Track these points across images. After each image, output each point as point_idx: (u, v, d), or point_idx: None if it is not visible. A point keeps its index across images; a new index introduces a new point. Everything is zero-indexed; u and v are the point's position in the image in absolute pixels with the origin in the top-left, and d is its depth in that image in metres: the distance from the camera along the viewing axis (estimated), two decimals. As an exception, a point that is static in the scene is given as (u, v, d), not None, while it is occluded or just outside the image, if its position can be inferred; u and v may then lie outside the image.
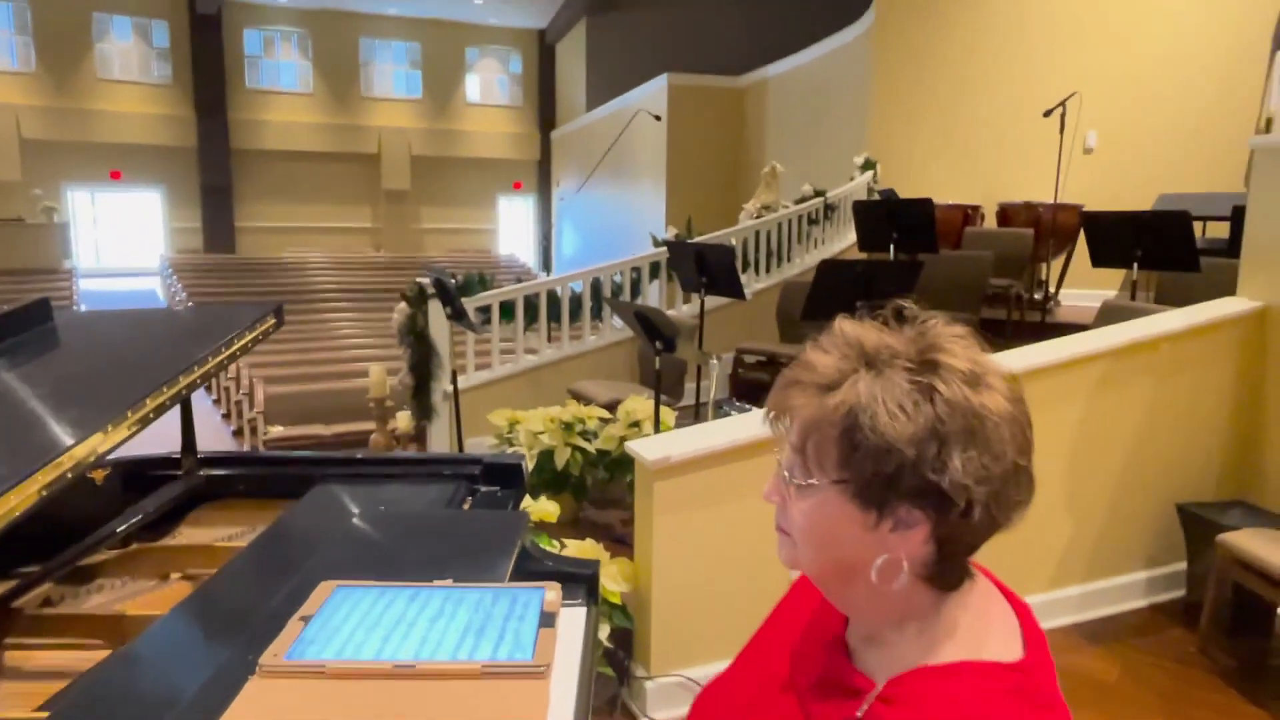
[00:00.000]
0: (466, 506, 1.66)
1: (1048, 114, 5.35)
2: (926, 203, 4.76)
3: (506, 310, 5.16)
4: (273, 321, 1.69)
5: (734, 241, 5.81)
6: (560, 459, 3.58)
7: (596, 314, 5.52)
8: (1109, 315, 3.92)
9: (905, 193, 7.03)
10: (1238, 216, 4.80)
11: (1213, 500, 3.30)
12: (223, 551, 1.48)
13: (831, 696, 0.84)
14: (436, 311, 4.65)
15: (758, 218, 6.77)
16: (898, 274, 3.75)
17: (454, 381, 4.24)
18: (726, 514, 2.58)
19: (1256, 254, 3.43)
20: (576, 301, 5.48)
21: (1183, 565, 3.29)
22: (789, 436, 0.81)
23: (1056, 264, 6.74)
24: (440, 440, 4.81)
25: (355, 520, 1.43)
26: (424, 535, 1.37)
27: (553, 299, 5.32)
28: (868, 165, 7.35)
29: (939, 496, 0.73)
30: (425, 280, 4.53)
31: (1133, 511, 3.25)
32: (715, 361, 3.23)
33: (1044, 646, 0.80)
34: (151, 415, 1.26)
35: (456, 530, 1.41)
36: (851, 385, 0.76)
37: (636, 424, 3.63)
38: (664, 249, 5.57)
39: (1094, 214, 4.30)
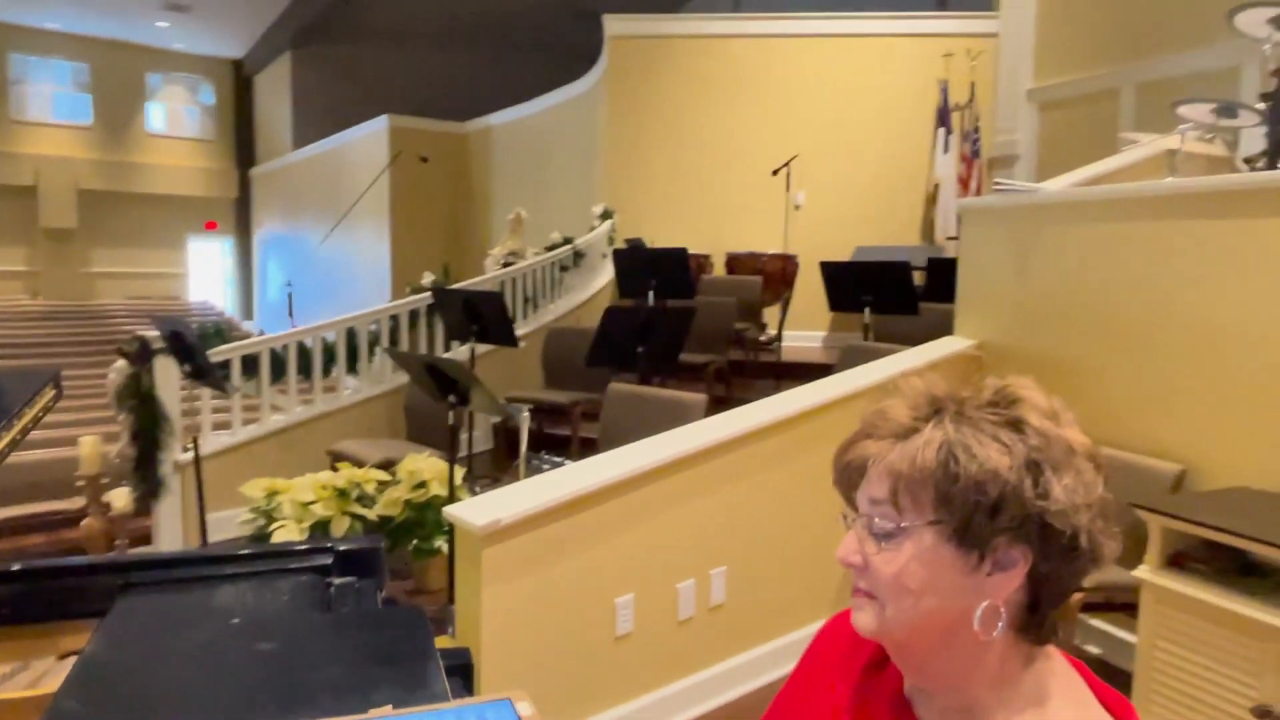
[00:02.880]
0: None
1: (775, 173, 5.87)
2: (682, 252, 5.00)
3: (248, 366, 4.59)
4: (53, 393, 1.33)
5: (495, 287, 5.68)
6: (338, 530, 3.21)
7: (352, 367, 5.10)
8: (851, 355, 4.33)
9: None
10: (933, 267, 5.58)
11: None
12: (9, 705, 1.11)
13: None
14: (166, 369, 4.00)
15: (505, 264, 6.70)
16: (675, 319, 3.88)
17: (195, 448, 3.66)
18: (560, 575, 2.45)
19: (968, 299, 3.97)
20: (329, 353, 5.02)
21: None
22: (869, 489, 0.78)
23: (775, 308, 7.39)
24: (173, 519, 4.12)
25: (212, 640, 1.15)
26: (314, 650, 1.12)
27: (302, 352, 4.82)
28: (606, 215, 7.58)
29: (1042, 527, 0.72)
30: (150, 333, 3.89)
31: (894, 532, 3.58)
32: (526, 413, 3.09)
33: (1128, 704, 0.80)
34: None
35: (351, 640, 1.17)
36: (937, 425, 0.75)
37: (423, 485, 3.36)
38: (421, 296, 5.30)
39: (832, 264, 4.77)
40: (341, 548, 1.51)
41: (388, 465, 3.77)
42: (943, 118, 7.65)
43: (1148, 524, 2.53)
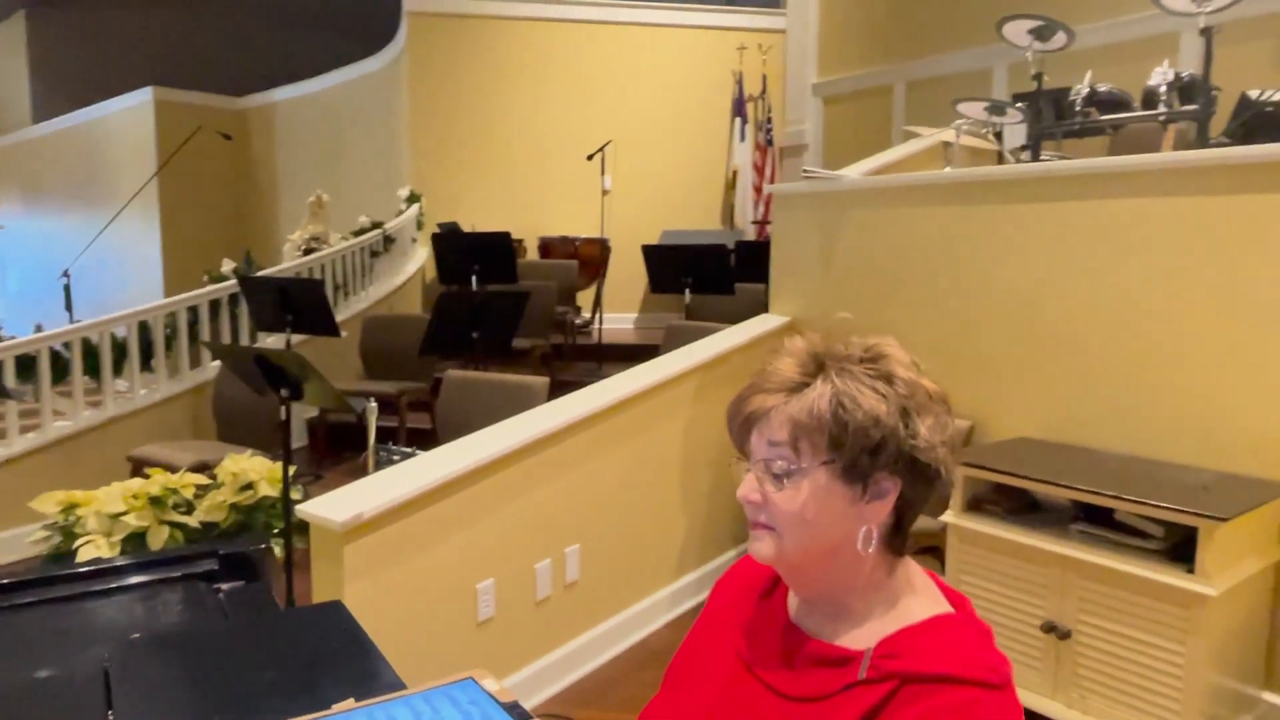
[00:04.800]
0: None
1: (590, 158, 5.95)
2: (505, 236, 4.97)
3: (23, 367, 4.02)
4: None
5: (302, 273, 5.35)
6: (155, 541, 2.94)
7: (146, 364, 4.61)
8: (676, 335, 4.51)
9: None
10: (740, 249, 5.90)
11: (776, 480, 4.01)
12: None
13: (817, 670, 0.92)
14: (-78, 375, 3.44)
15: (306, 250, 6.34)
16: (508, 304, 3.86)
17: (-31, 465, 3.20)
18: (422, 565, 2.41)
19: (781, 279, 4.25)
20: (119, 351, 4.51)
21: (762, 538, 3.94)
22: (768, 435, 0.90)
23: (588, 292, 7.50)
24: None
25: (119, 657, 1.06)
26: (240, 657, 1.07)
27: (88, 350, 4.30)
28: (413, 198, 7.35)
29: (911, 462, 0.88)
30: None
31: (725, 499, 3.78)
32: (373, 404, 2.98)
33: (966, 599, 0.97)
34: None
35: (275, 642, 1.12)
36: (825, 380, 0.89)
37: (250, 486, 3.15)
38: (223, 285, 4.88)
39: (655, 247, 4.93)
40: (224, 551, 1.43)
41: (202, 468, 3.50)
42: (739, 108, 8.07)
43: (952, 474, 2.87)
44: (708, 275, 4.72)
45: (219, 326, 4.94)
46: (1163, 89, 3.07)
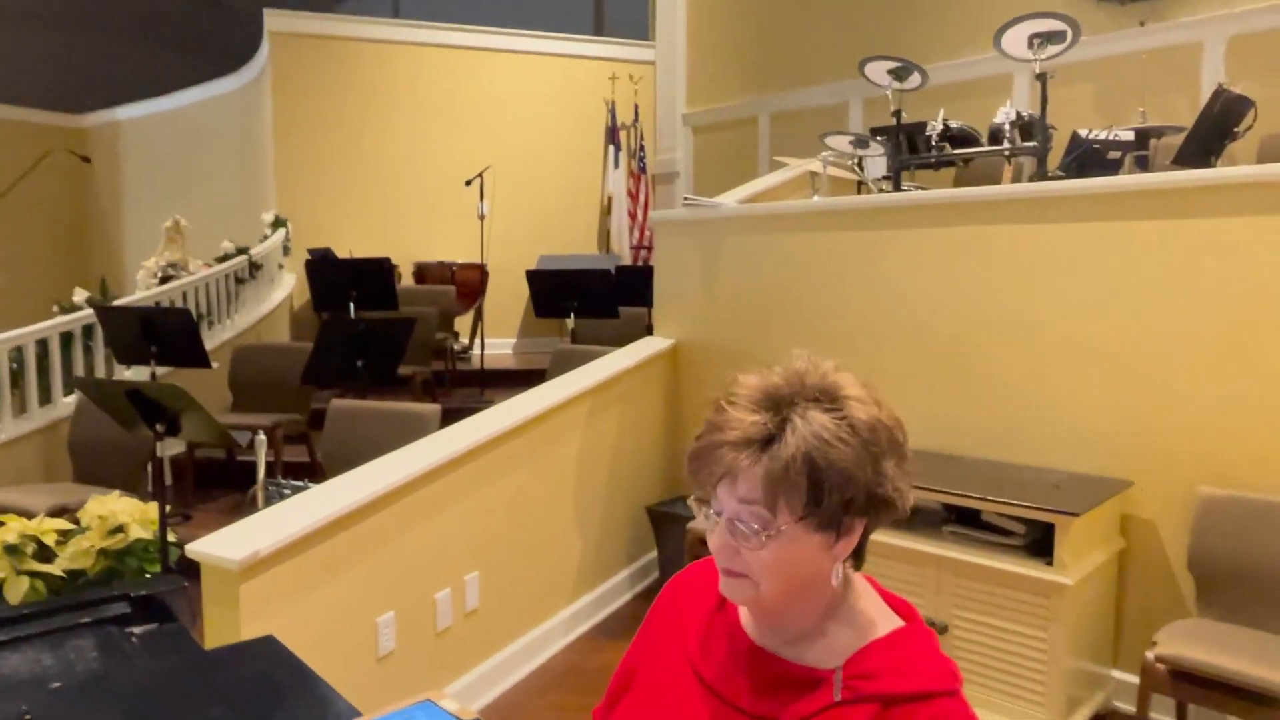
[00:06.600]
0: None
1: (469, 183, 5.93)
2: (384, 262, 4.87)
3: None
4: None
5: (163, 302, 5.04)
6: (14, 594, 2.70)
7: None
8: (563, 359, 4.55)
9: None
10: (621, 274, 6.00)
11: (665, 499, 4.09)
12: None
13: (786, 691, 0.95)
14: None
15: (162, 278, 6.00)
16: (394, 332, 3.80)
17: None
18: (320, 602, 2.34)
19: (664, 304, 4.36)
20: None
21: (653, 554, 4.02)
22: (740, 492, 0.89)
23: (465, 318, 7.43)
24: None
25: (44, 707, 1.01)
26: (179, 700, 1.04)
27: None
28: (278, 223, 7.09)
29: (881, 503, 0.91)
30: None
31: (617, 519, 3.84)
32: (262, 437, 2.86)
33: (912, 606, 1.03)
34: None
35: (212, 680, 1.09)
36: (792, 433, 0.88)
37: (121, 529, 2.95)
38: (75, 316, 4.53)
39: (539, 272, 4.95)
40: (136, 594, 1.37)
41: (61, 512, 3.26)
42: (612, 136, 8.24)
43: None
44: (592, 299, 4.79)
45: (72, 360, 4.58)
46: (1006, 127, 3.39)
